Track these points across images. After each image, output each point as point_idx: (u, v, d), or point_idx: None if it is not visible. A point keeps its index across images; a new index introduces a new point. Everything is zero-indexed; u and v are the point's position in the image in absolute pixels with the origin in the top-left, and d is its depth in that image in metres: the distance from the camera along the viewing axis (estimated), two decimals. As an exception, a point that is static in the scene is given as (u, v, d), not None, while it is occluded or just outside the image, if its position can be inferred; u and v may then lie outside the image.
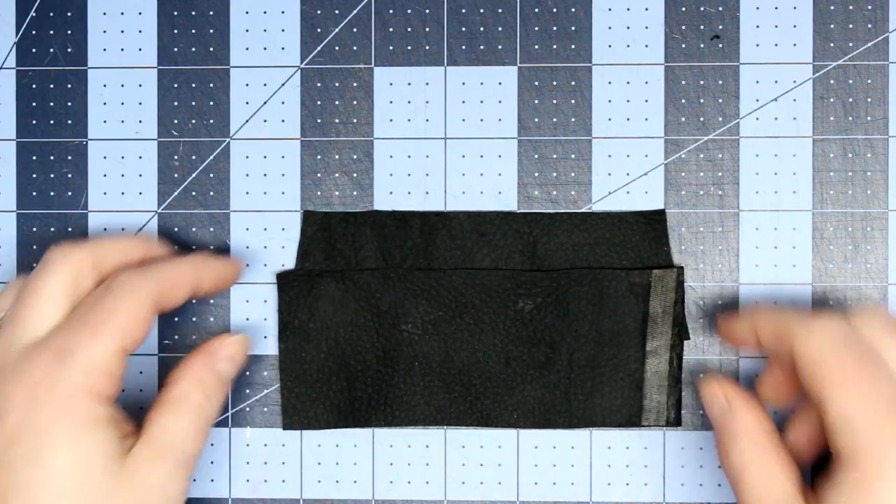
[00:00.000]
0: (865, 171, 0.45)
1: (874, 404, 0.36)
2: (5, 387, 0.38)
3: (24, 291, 0.40)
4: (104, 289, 0.40)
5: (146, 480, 0.38)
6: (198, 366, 0.42)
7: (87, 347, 0.38)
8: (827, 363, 0.37)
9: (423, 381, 0.45)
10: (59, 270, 0.40)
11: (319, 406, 0.45)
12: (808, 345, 0.38)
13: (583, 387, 0.45)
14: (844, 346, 0.37)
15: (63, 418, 0.37)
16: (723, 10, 0.45)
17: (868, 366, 0.37)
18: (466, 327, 0.45)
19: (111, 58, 0.46)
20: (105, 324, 0.38)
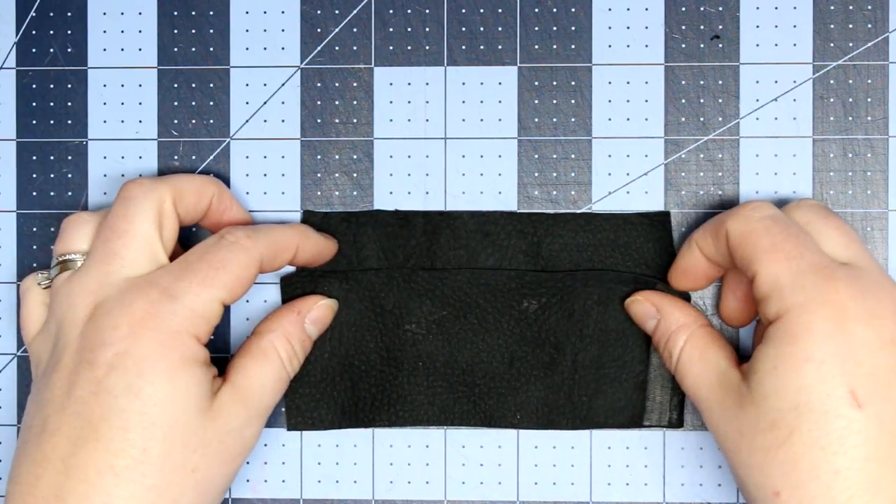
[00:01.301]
0: (865, 171, 0.45)
1: (800, 268, 0.38)
2: (109, 317, 0.38)
3: (111, 229, 0.40)
4: (214, 242, 0.40)
5: (228, 423, 0.40)
6: (287, 322, 0.43)
7: (195, 293, 0.39)
8: (756, 234, 0.39)
9: (426, 382, 0.45)
10: (145, 207, 0.40)
11: (323, 406, 0.45)
12: (738, 223, 0.39)
13: (587, 388, 0.45)
14: (773, 220, 0.39)
15: (165, 353, 0.38)
16: (723, 10, 0.45)
17: (795, 236, 0.39)
18: (471, 327, 0.45)
19: (111, 58, 0.46)
20: (214, 275, 0.39)
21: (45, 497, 0.37)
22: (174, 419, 0.38)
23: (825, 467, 0.36)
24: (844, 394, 0.36)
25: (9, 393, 0.46)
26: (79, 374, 0.38)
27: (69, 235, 0.42)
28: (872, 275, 0.38)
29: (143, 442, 0.38)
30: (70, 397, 0.38)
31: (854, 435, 0.36)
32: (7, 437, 0.46)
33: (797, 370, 0.37)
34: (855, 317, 0.37)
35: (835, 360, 0.36)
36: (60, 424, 0.38)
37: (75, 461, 0.37)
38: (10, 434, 0.46)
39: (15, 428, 0.46)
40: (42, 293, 0.42)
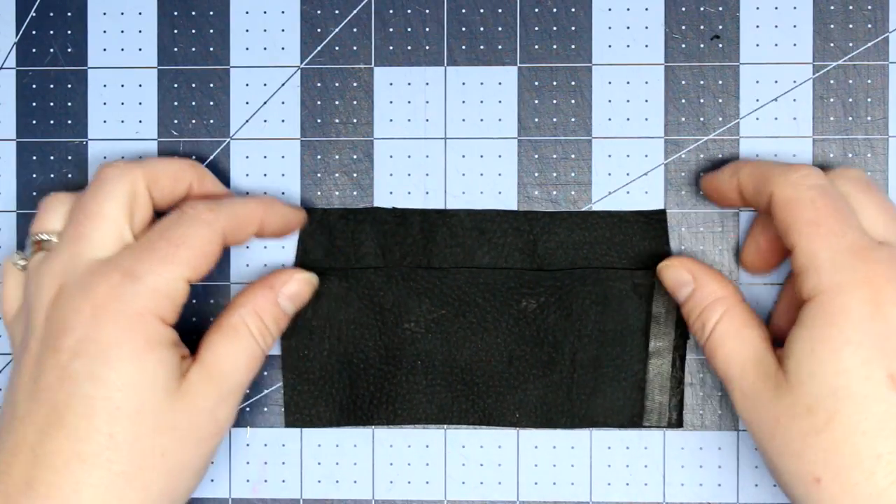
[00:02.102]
0: (865, 171, 0.45)
1: (840, 246, 0.37)
2: (71, 301, 0.38)
3: (81, 210, 0.40)
4: (175, 218, 0.40)
5: (199, 403, 0.39)
6: (259, 297, 0.42)
7: (156, 272, 0.38)
8: (802, 204, 0.38)
9: (425, 380, 0.45)
10: (116, 189, 0.40)
11: (322, 404, 0.45)
12: (785, 189, 0.39)
13: (585, 387, 0.45)
14: (820, 191, 0.38)
15: (129, 336, 0.38)
16: (723, 10, 0.45)
17: (840, 212, 0.38)
18: (469, 326, 0.45)
19: (111, 58, 0.46)
20: (175, 252, 0.39)
21: (17, 485, 0.37)
22: (140, 404, 0.38)
23: (867, 452, 0.35)
24: (883, 377, 0.36)
25: (9, 393, 0.46)
26: (44, 360, 0.38)
27: (45, 215, 0.41)
28: None
29: (109, 428, 0.37)
30: (37, 384, 0.38)
31: (895, 419, 0.35)
32: (7, 437, 0.46)
33: (836, 353, 0.36)
34: (892, 300, 0.36)
35: (873, 344, 0.36)
36: (28, 411, 0.38)
37: (43, 449, 0.37)
38: (10, 434, 0.46)
39: (15, 428, 0.47)
40: (18, 274, 0.42)
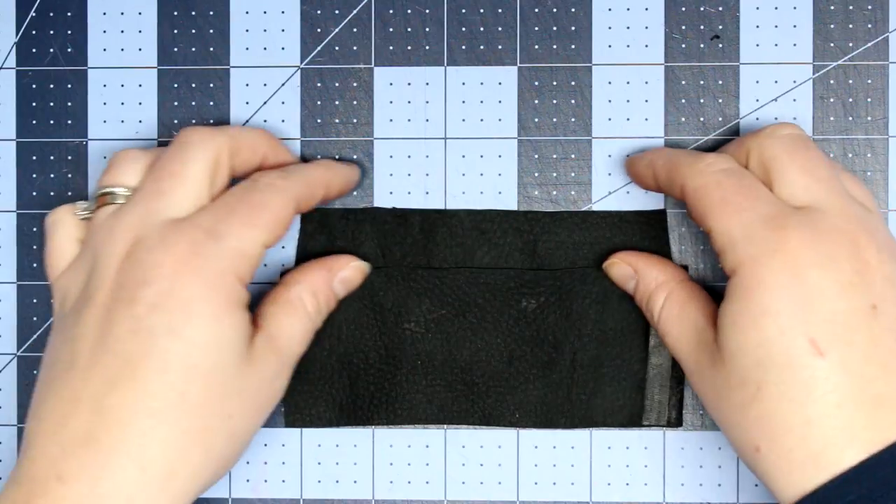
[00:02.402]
0: (865, 171, 0.45)
1: (751, 220, 0.38)
2: (150, 254, 0.38)
3: (163, 168, 0.40)
4: (250, 185, 0.40)
5: (263, 370, 0.39)
6: (317, 277, 0.42)
7: (237, 234, 0.38)
8: (709, 189, 0.39)
9: (425, 380, 0.45)
10: (201, 152, 0.40)
11: (322, 404, 0.45)
12: (694, 178, 0.39)
13: (585, 386, 0.45)
14: (725, 174, 0.39)
15: (210, 295, 0.37)
16: (723, 10, 0.45)
17: (747, 188, 0.38)
18: (469, 326, 0.45)
19: (111, 58, 0.46)
20: (256, 215, 0.39)
21: (75, 437, 0.36)
22: (215, 363, 0.37)
23: (796, 419, 0.36)
24: (805, 343, 0.36)
25: (9, 393, 0.46)
26: (116, 312, 0.37)
27: (118, 169, 0.41)
28: (830, 217, 0.38)
29: (183, 385, 0.37)
30: (105, 335, 0.37)
31: (821, 383, 0.36)
32: (7, 437, 0.46)
33: (755, 324, 0.36)
34: (808, 263, 0.36)
35: (791, 311, 0.36)
36: (94, 362, 0.37)
37: (109, 401, 0.36)
38: (11, 434, 0.46)
39: (15, 428, 0.46)
40: (74, 227, 0.41)
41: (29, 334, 0.46)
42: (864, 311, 0.36)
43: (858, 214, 0.38)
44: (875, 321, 0.36)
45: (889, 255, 0.38)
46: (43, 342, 0.46)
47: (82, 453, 0.36)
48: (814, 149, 0.40)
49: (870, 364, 0.36)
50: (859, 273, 0.37)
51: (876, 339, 0.36)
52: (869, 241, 0.37)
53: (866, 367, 0.36)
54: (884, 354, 0.36)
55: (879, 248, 0.38)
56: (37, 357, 0.46)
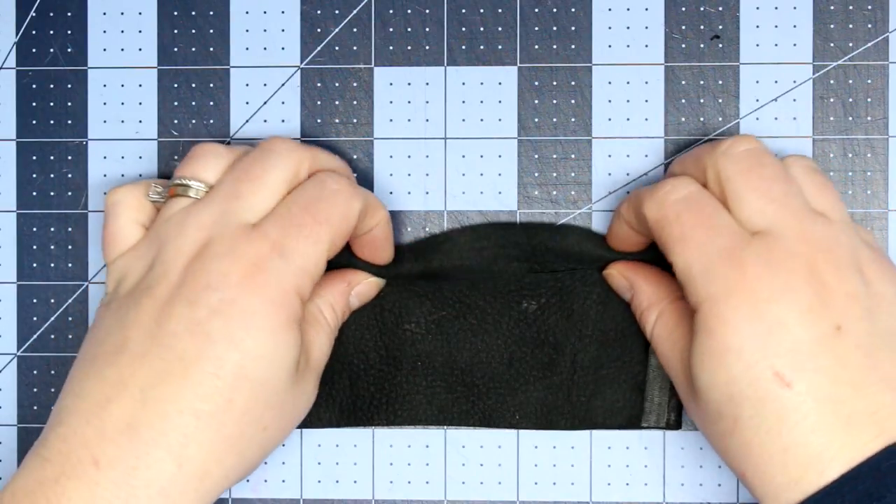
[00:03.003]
0: (865, 171, 0.45)
1: (709, 256, 0.37)
2: (219, 261, 0.38)
3: (245, 171, 0.40)
4: (318, 192, 0.40)
5: (304, 386, 0.40)
6: (336, 291, 0.43)
7: (303, 252, 0.38)
8: (668, 223, 0.39)
9: (425, 381, 0.45)
10: (283, 162, 0.40)
11: (322, 405, 0.45)
12: (653, 209, 0.39)
13: (585, 388, 0.45)
14: (684, 204, 0.39)
15: (273, 310, 0.38)
16: (723, 10, 0.45)
17: (705, 220, 0.38)
18: (470, 327, 0.45)
19: (111, 58, 0.46)
20: (320, 231, 0.39)
21: (116, 422, 0.36)
22: (266, 377, 0.38)
23: (774, 448, 0.36)
24: (771, 377, 0.36)
25: (9, 393, 0.46)
26: (176, 307, 0.37)
27: (198, 162, 0.41)
28: (785, 241, 0.37)
29: (231, 393, 0.37)
30: (162, 328, 0.37)
31: (792, 413, 0.36)
32: (7, 437, 0.46)
33: (721, 363, 0.37)
34: (766, 297, 0.36)
35: (754, 346, 0.36)
36: (146, 351, 0.37)
37: (156, 393, 0.36)
38: (11, 434, 0.46)
39: (15, 428, 0.47)
40: (137, 210, 0.41)
41: (29, 334, 0.46)
42: (827, 334, 0.36)
43: (816, 233, 0.38)
44: (840, 341, 0.36)
45: (850, 269, 0.38)
46: (43, 342, 0.46)
47: (121, 440, 0.36)
48: (769, 164, 0.39)
49: (839, 385, 0.36)
50: (819, 297, 0.37)
51: (843, 359, 0.36)
52: (827, 260, 0.37)
53: (836, 389, 0.36)
54: (853, 373, 0.36)
55: (839, 265, 0.37)
56: (37, 357, 0.46)
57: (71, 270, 0.46)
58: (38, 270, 0.46)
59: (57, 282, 0.46)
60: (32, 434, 0.46)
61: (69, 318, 0.46)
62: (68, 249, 0.46)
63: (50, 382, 0.46)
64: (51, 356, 0.46)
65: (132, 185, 0.42)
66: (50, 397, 0.46)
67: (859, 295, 0.37)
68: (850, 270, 0.38)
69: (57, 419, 0.38)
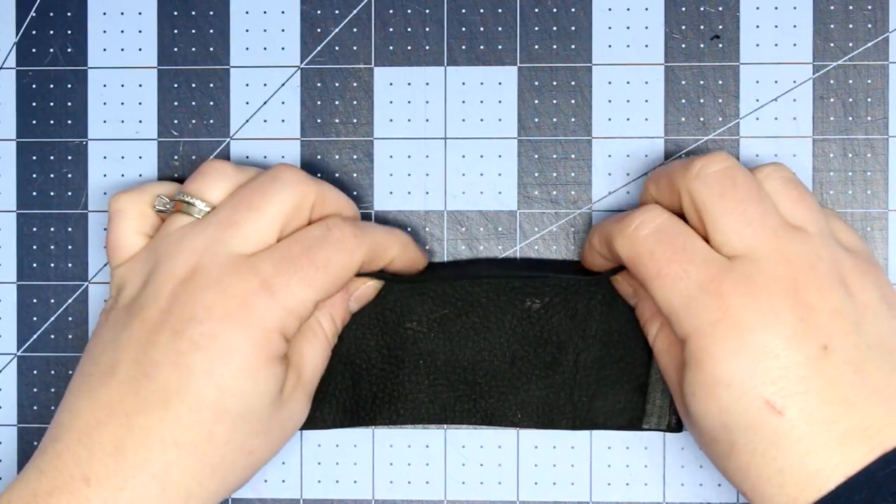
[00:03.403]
0: (865, 171, 0.45)
1: (688, 289, 0.37)
2: (204, 293, 0.38)
3: (244, 198, 0.40)
4: (320, 236, 0.40)
5: (292, 407, 0.40)
6: (334, 300, 0.42)
7: (293, 292, 0.38)
8: (642, 260, 0.39)
9: (427, 380, 0.45)
10: (286, 193, 0.40)
11: (325, 405, 0.45)
12: (625, 247, 0.39)
13: (587, 388, 0.44)
14: (655, 238, 0.39)
15: (253, 349, 0.38)
16: (723, 10, 0.45)
17: (679, 253, 0.38)
18: (472, 326, 0.44)
19: (111, 58, 0.46)
20: (315, 275, 0.39)
21: (105, 444, 0.37)
22: (247, 411, 0.38)
23: (769, 470, 0.37)
24: (761, 405, 0.36)
25: (9, 393, 0.46)
26: (161, 337, 0.38)
27: (205, 180, 0.41)
28: (764, 265, 0.37)
29: (212, 425, 0.38)
30: (146, 355, 0.38)
31: (784, 438, 0.36)
32: (7, 437, 0.46)
33: (712, 394, 0.37)
34: (750, 326, 0.36)
35: (743, 377, 0.36)
36: (130, 378, 0.38)
37: (140, 421, 0.37)
38: (11, 434, 0.46)
39: (15, 428, 0.47)
40: (139, 220, 0.41)
41: (29, 334, 0.46)
42: (814, 356, 0.36)
43: (795, 251, 0.38)
44: (828, 361, 0.36)
45: (832, 284, 0.37)
46: (43, 342, 0.46)
47: (109, 462, 0.37)
48: (742, 184, 0.38)
49: (830, 405, 0.36)
50: (803, 319, 0.37)
51: (832, 378, 0.36)
52: (808, 279, 0.37)
53: (827, 409, 0.36)
54: (843, 390, 0.36)
55: (821, 282, 0.37)
56: (37, 357, 0.46)
57: (71, 270, 0.46)
58: (38, 270, 0.46)
59: (57, 282, 0.46)
60: (32, 434, 0.46)
61: (69, 318, 0.46)
62: (68, 249, 0.46)
63: (50, 382, 0.46)
64: (51, 356, 0.46)
65: (136, 192, 0.42)
66: (50, 397, 0.46)
67: (844, 309, 0.37)
68: (833, 285, 0.37)
69: (54, 433, 0.38)
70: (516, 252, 0.45)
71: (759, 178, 0.39)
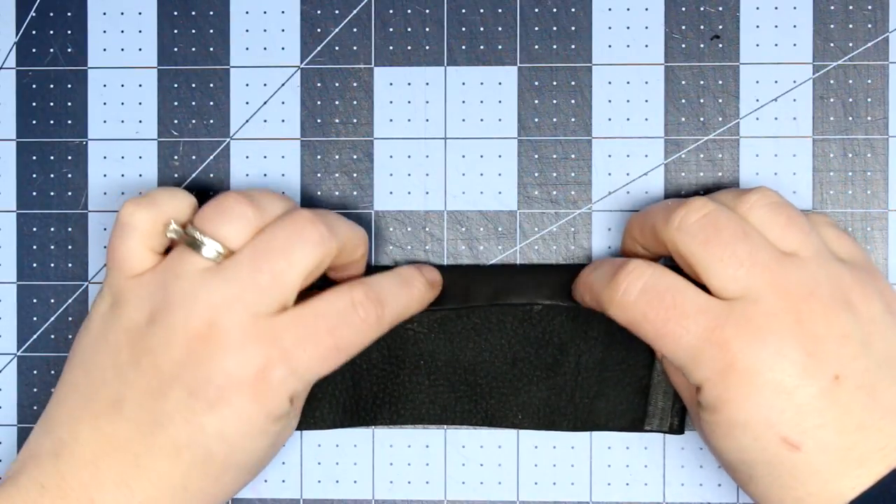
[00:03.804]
0: (865, 171, 0.45)
1: (692, 344, 0.37)
2: (223, 358, 0.38)
3: (268, 260, 0.38)
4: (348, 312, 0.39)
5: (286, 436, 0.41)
6: None
7: (311, 367, 0.39)
8: (638, 324, 0.39)
9: (428, 380, 0.45)
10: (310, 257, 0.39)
11: (325, 405, 0.45)
12: (619, 315, 0.39)
13: (589, 390, 0.44)
14: (645, 302, 0.38)
15: (266, 414, 0.38)
16: (723, 10, 0.45)
17: (673, 312, 0.38)
18: (473, 326, 0.44)
19: (111, 58, 0.46)
20: (336, 356, 0.39)
21: (113, 476, 0.38)
22: (254, 460, 0.39)
23: (789, 498, 0.37)
24: (779, 442, 0.37)
25: (9, 393, 0.46)
26: (173, 390, 0.38)
27: (222, 220, 0.39)
28: (764, 304, 0.37)
29: (220, 473, 0.39)
30: (158, 403, 0.38)
31: (803, 471, 0.37)
32: (7, 437, 0.46)
33: (730, 435, 0.37)
34: (759, 369, 0.37)
35: (758, 418, 0.37)
36: (138, 421, 0.38)
37: (148, 463, 0.38)
38: (11, 434, 0.46)
39: (15, 428, 0.46)
40: (149, 237, 0.40)
41: (29, 334, 0.46)
42: (827, 388, 0.36)
43: (792, 282, 0.37)
44: (841, 389, 0.37)
45: (836, 307, 0.37)
46: (43, 342, 0.46)
47: (116, 493, 0.38)
48: (726, 227, 0.38)
49: (846, 434, 0.36)
50: (811, 353, 0.37)
51: (846, 406, 0.36)
52: (810, 309, 0.37)
53: (844, 437, 0.36)
54: (858, 415, 0.37)
55: (824, 308, 0.37)
56: (37, 357, 0.46)
57: (71, 270, 0.46)
58: (38, 270, 0.46)
59: (57, 282, 0.46)
60: (32, 434, 0.46)
61: (69, 318, 0.46)
62: (68, 249, 0.46)
63: (50, 382, 0.46)
64: (51, 356, 0.46)
65: (150, 207, 0.40)
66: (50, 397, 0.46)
67: (851, 332, 0.37)
68: (837, 308, 0.37)
69: (54, 448, 0.39)
70: (516, 252, 0.45)
71: (744, 210, 0.39)
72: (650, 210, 0.41)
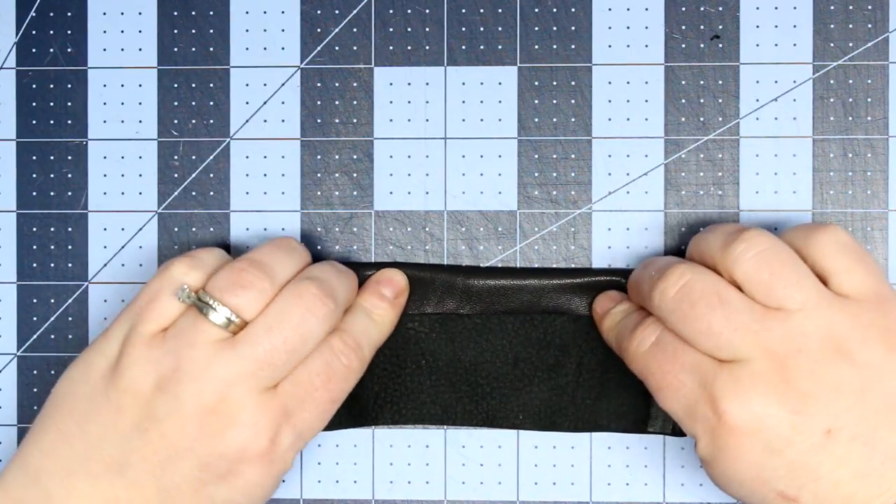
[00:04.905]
0: (865, 171, 0.45)
1: (687, 399, 0.38)
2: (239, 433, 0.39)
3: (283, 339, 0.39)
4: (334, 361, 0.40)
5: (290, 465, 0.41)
6: None
7: (311, 424, 0.40)
8: (645, 376, 0.40)
9: (429, 380, 0.45)
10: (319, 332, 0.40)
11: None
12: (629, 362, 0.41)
13: (591, 391, 0.44)
14: (651, 355, 0.40)
15: (275, 479, 0.40)
16: (723, 10, 0.45)
17: (671, 366, 0.39)
18: (474, 327, 0.44)
19: (111, 58, 0.46)
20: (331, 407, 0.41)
21: None
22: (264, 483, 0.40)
23: None
24: (776, 496, 0.37)
25: (9, 393, 0.46)
26: (183, 462, 0.38)
27: (239, 293, 0.39)
28: (751, 365, 0.37)
29: None
30: (166, 473, 0.38)
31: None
32: (7, 437, 0.46)
33: (728, 486, 0.39)
34: (746, 430, 0.37)
35: (752, 476, 0.37)
36: (143, 487, 0.38)
37: None
38: (10, 434, 0.46)
39: (15, 428, 0.46)
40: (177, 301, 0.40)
41: (29, 334, 0.46)
42: (819, 443, 0.37)
43: (776, 340, 0.37)
44: (834, 443, 0.37)
45: (825, 360, 0.37)
46: (43, 342, 0.46)
47: None
48: (700, 299, 0.38)
49: (843, 484, 0.36)
50: (798, 411, 0.37)
51: (841, 458, 0.36)
52: (797, 366, 0.37)
53: (841, 488, 0.36)
54: (855, 465, 0.36)
55: (812, 363, 0.37)
56: (37, 357, 0.46)
57: (71, 270, 0.46)
58: (38, 270, 0.46)
59: (57, 282, 0.46)
60: (32, 434, 0.46)
61: (69, 318, 0.46)
62: (68, 249, 0.46)
63: (50, 382, 0.46)
64: (51, 356, 0.46)
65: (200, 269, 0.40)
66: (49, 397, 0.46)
67: (844, 383, 0.37)
68: (827, 361, 0.37)
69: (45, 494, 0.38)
70: (516, 252, 0.45)
71: (730, 262, 0.38)
72: (639, 274, 0.42)
